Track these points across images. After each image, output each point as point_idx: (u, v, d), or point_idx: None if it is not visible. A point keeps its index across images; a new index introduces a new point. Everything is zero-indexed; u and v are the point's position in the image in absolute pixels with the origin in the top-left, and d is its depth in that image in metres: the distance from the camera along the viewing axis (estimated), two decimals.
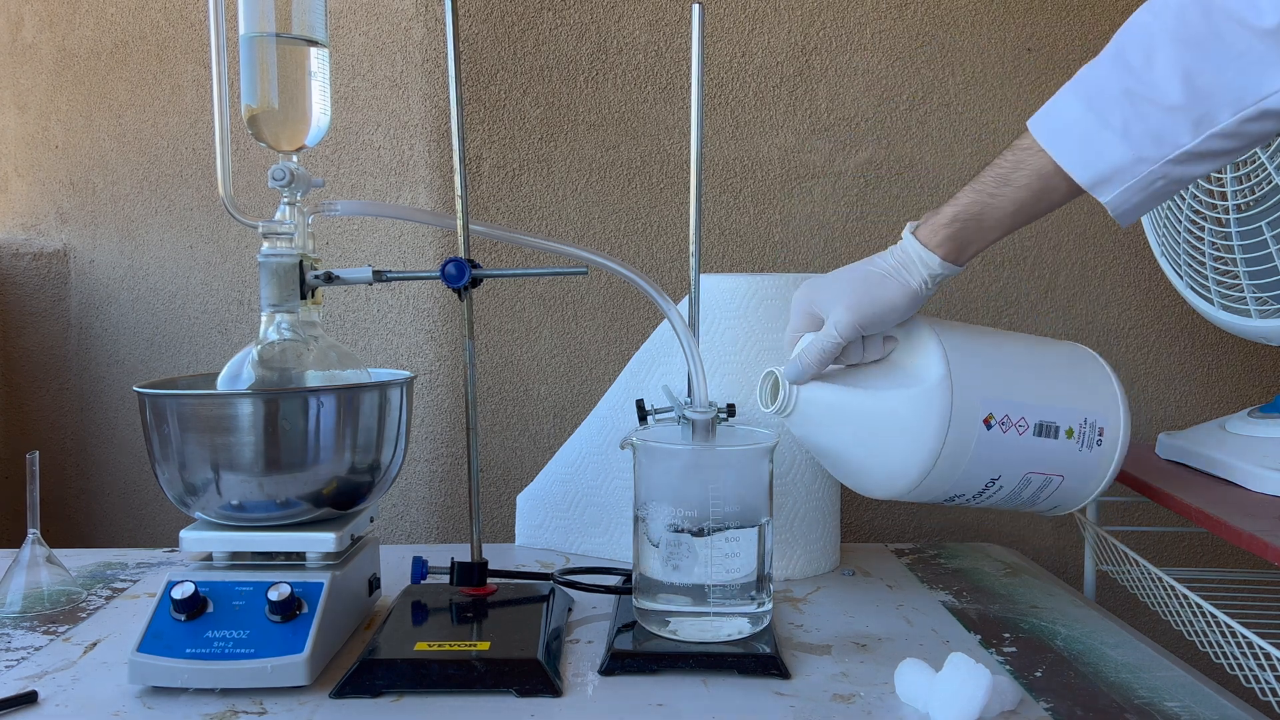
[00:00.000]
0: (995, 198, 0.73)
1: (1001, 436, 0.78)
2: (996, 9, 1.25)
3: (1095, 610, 0.92)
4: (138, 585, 0.97)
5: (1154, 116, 0.65)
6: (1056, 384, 0.83)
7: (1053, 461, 0.81)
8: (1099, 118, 0.67)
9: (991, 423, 0.77)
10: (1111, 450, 0.83)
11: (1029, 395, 0.80)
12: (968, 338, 0.81)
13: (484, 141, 1.24)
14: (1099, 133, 0.67)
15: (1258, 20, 0.61)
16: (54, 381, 1.30)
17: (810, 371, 0.79)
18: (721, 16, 1.25)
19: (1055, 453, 0.81)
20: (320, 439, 0.77)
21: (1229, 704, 0.71)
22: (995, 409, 0.78)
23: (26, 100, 1.27)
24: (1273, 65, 0.61)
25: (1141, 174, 0.67)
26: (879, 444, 0.79)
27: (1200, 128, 0.65)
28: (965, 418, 0.77)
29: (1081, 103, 0.68)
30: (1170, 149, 0.66)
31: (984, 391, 0.78)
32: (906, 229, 0.78)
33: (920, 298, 0.77)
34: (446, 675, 0.71)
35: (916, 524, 1.31)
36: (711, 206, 1.26)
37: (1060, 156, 0.69)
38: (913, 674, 0.70)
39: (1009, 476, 0.81)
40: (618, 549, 1.06)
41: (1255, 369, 1.30)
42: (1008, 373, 0.80)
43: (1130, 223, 0.71)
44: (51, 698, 0.71)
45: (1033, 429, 0.79)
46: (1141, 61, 0.65)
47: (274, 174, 0.80)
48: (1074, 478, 0.83)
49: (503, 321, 1.27)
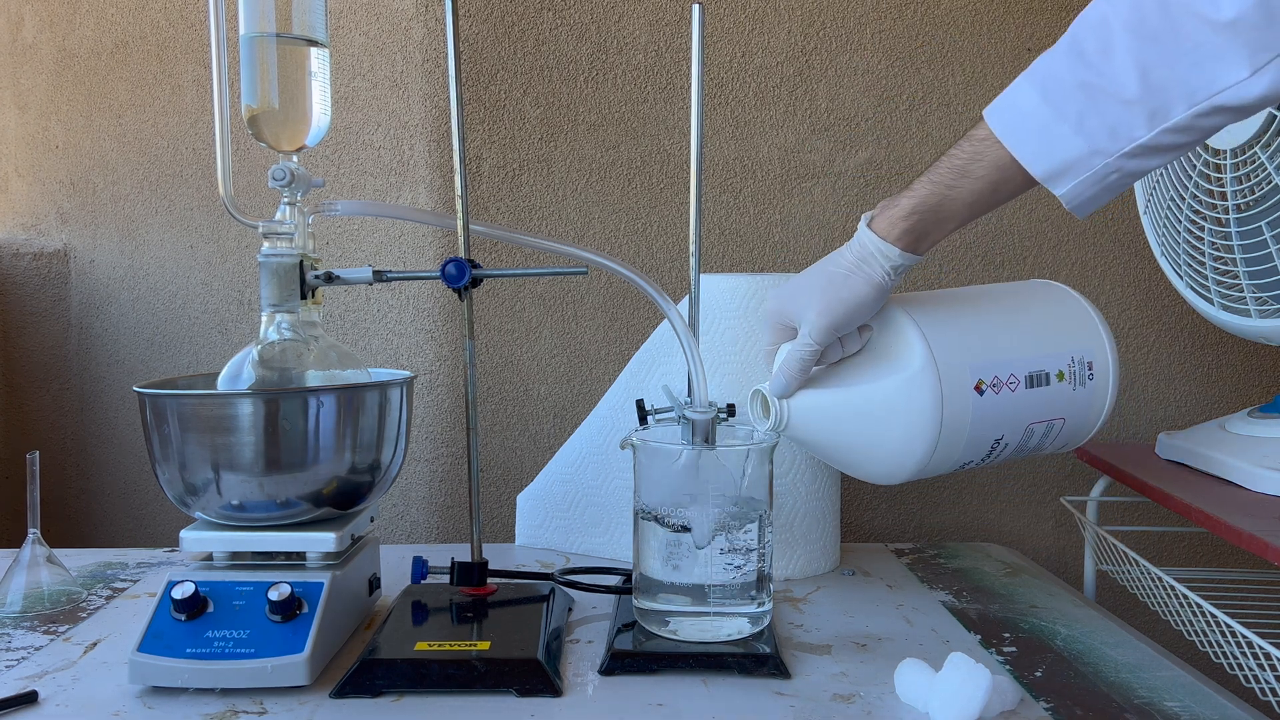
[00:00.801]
0: (954, 189, 0.72)
1: (995, 398, 0.78)
2: (996, 9, 1.25)
3: (1095, 610, 0.92)
4: (138, 585, 0.97)
5: (1110, 110, 0.65)
6: (1036, 331, 0.83)
7: (1051, 408, 0.82)
8: (1055, 110, 0.67)
9: (983, 388, 0.78)
10: (1105, 380, 0.83)
11: (1012, 351, 0.80)
12: (940, 309, 0.81)
13: (484, 141, 1.24)
14: (1054, 126, 0.67)
15: (1214, 13, 0.60)
16: (54, 381, 1.30)
17: (795, 383, 0.79)
18: (721, 16, 1.25)
19: (1051, 398, 0.81)
20: (320, 439, 0.77)
21: (1229, 704, 0.71)
22: (983, 374, 0.78)
23: (27, 100, 1.27)
24: (1227, 59, 0.61)
25: (1096, 167, 0.67)
26: (878, 435, 0.79)
27: (1154, 121, 0.64)
28: (956, 392, 0.77)
29: (1038, 94, 0.68)
30: (1125, 142, 0.65)
31: (968, 360, 0.78)
32: (862, 221, 0.77)
33: (886, 289, 0.76)
34: (447, 675, 0.71)
35: (916, 524, 1.31)
36: (711, 206, 1.26)
37: (1016, 149, 0.69)
38: (913, 674, 0.70)
39: (1012, 433, 0.81)
40: (618, 549, 1.06)
41: (1255, 369, 1.30)
42: (987, 335, 0.80)
43: (1086, 214, 0.71)
44: (51, 698, 0.71)
45: (1024, 382, 0.80)
46: (1098, 54, 0.65)
47: (274, 174, 0.80)
48: (1075, 416, 0.83)
49: (503, 321, 1.27)
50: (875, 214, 0.76)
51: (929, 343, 0.77)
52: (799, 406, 0.80)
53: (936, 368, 0.76)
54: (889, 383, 0.78)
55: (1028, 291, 0.88)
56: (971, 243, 1.27)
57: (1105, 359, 0.84)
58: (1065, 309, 0.86)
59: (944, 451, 0.78)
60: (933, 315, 0.79)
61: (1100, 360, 0.83)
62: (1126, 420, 1.29)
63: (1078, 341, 0.83)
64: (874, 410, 0.78)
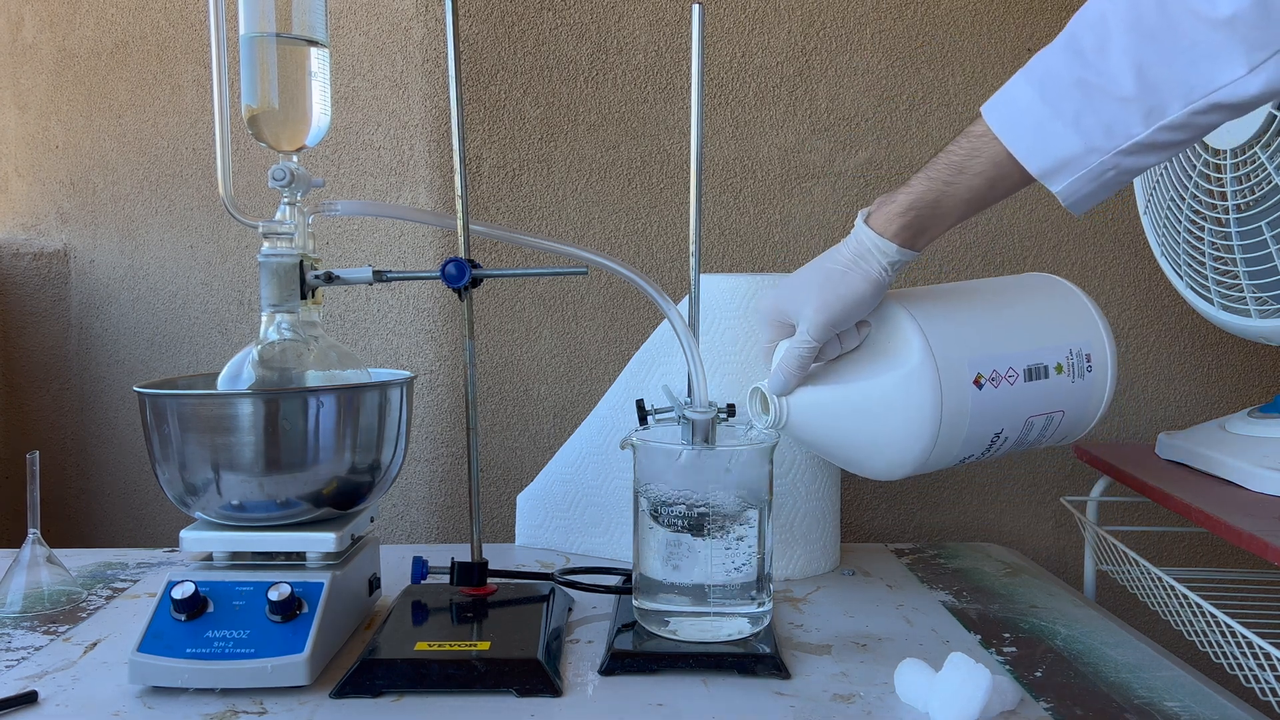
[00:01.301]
0: (951, 185, 0.72)
1: (994, 392, 0.78)
2: (996, 9, 1.25)
3: (1095, 610, 0.92)
4: (138, 585, 0.97)
5: (1106, 108, 0.65)
6: (1033, 324, 0.83)
7: (1050, 400, 0.82)
8: (1051, 108, 0.67)
9: (982, 382, 0.78)
10: (1103, 371, 0.83)
11: (1010, 345, 0.80)
12: (937, 304, 0.81)
13: (484, 141, 1.24)
14: (1051, 123, 0.67)
15: (1211, 11, 0.60)
16: (54, 381, 1.30)
17: (793, 380, 0.79)
18: (721, 16, 1.25)
19: (1050, 391, 0.81)
20: (320, 439, 0.77)
21: (1229, 704, 0.71)
22: (982, 368, 0.78)
23: (27, 100, 1.27)
24: (1224, 57, 0.60)
25: (1092, 164, 0.67)
26: (878, 431, 0.79)
27: (1151, 119, 0.64)
28: (955, 386, 0.77)
29: (1035, 91, 0.68)
30: (1122, 140, 0.65)
31: (966, 355, 0.78)
32: (859, 217, 0.77)
33: (883, 285, 0.76)
34: (446, 675, 0.71)
35: (917, 524, 1.31)
36: (711, 206, 1.26)
37: (1013, 146, 0.69)
38: (913, 674, 0.70)
39: (1011, 426, 0.81)
40: (618, 549, 1.06)
41: (1255, 369, 1.30)
42: (984, 329, 0.80)
43: (1082, 212, 0.71)
44: (51, 698, 0.71)
45: (1022, 376, 0.80)
46: (1095, 51, 0.65)
47: (274, 174, 0.80)
48: (1074, 408, 0.83)
49: (503, 321, 1.27)
50: (872, 210, 0.76)
51: (927, 338, 0.76)
52: (798, 403, 0.80)
53: (935, 363, 0.76)
54: (888, 379, 0.77)
55: (1024, 285, 0.88)
56: (971, 242, 1.27)
57: (1103, 350, 0.84)
58: (1062, 302, 0.86)
59: (944, 446, 0.78)
60: (930, 310, 0.79)
61: (1098, 352, 0.83)
62: (1126, 420, 1.29)
63: (1075, 333, 0.83)
64: (873, 406, 0.78)
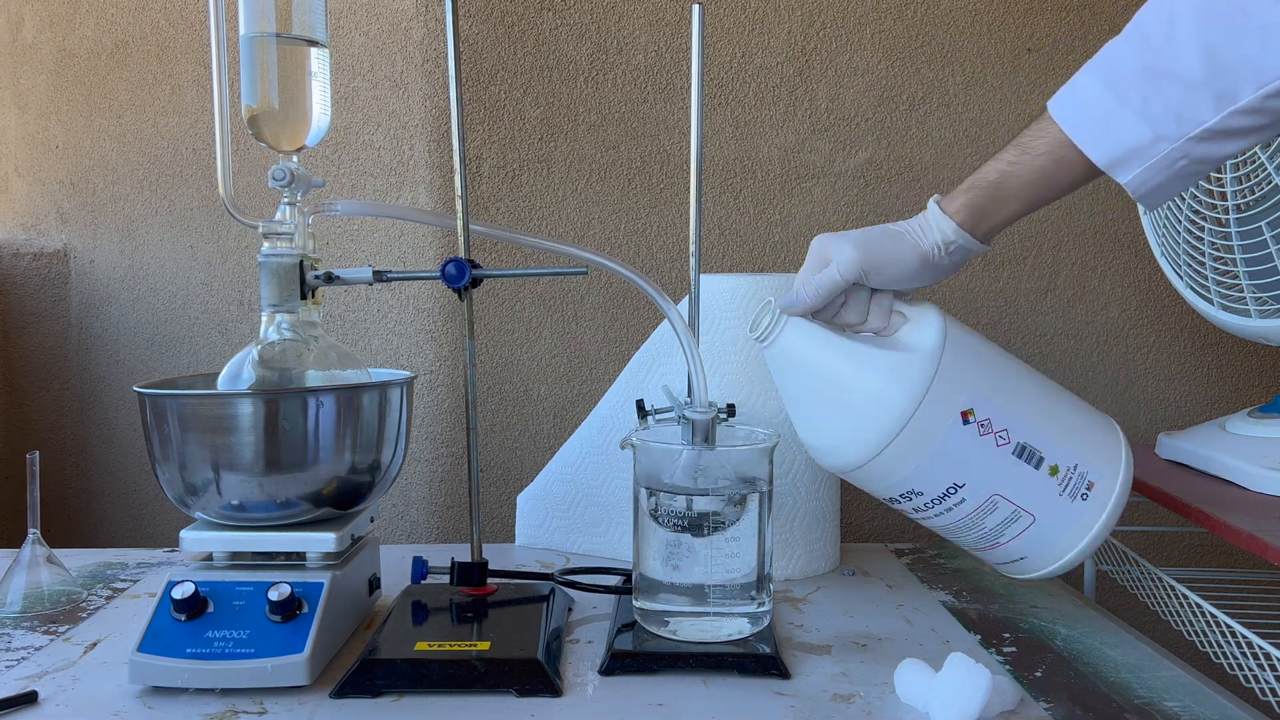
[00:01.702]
0: (1015, 166, 0.71)
1: (977, 438, 0.72)
2: (996, 9, 1.25)
3: (1095, 610, 0.92)
4: (138, 585, 0.97)
5: (1174, 93, 0.63)
6: (1056, 417, 0.76)
7: (1026, 493, 0.74)
8: (1117, 96, 0.65)
9: (970, 419, 0.72)
10: (1098, 509, 0.74)
11: (1020, 410, 0.74)
12: (977, 338, 0.78)
13: (484, 141, 1.24)
14: (1117, 112, 0.65)
15: None
16: (54, 381, 1.30)
17: (804, 303, 0.76)
18: (721, 16, 1.25)
19: (1032, 484, 0.73)
20: (320, 439, 0.77)
21: (1229, 704, 0.71)
22: (978, 406, 0.72)
23: (27, 100, 1.27)
24: None
25: (1161, 153, 0.64)
26: (846, 402, 0.75)
27: (1222, 104, 0.62)
28: (942, 400, 0.72)
29: (1100, 80, 0.66)
30: (1191, 126, 0.63)
31: (972, 383, 0.73)
32: (932, 199, 0.76)
33: (930, 263, 0.74)
34: (446, 675, 0.71)
35: (916, 524, 1.30)
36: (711, 206, 1.26)
37: (1076, 134, 0.67)
38: (913, 674, 0.70)
39: (974, 489, 0.74)
40: (618, 549, 1.06)
41: (1255, 369, 1.30)
42: (1006, 381, 0.76)
43: (1156, 206, 0.68)
44: (51, 698, 0.71)
45: (1013, 446, 0.73)
46: (1162, 36, 0.63)
47: (274, 174, 0.80)
48: (1047, 524, 0.74)
49: (503, 321, 1.27)
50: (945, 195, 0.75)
51: (946, 341, 0.74)
52: (795, 328, 0.76)
53: (939, 363, 0.73)
54: (885, 356, 0.75)
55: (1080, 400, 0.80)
56: None
57: (1110, 491, 0.75)
58: (1100, 429, 0.78)
59: (898, 455, 0.73)
60: (967, 335, 0.76)
61: (1103, 488, 0.75)
62: (1126, 420, 1.29)
63: (1091, 455, 0.75)
64: (859, 370, 0.75)
